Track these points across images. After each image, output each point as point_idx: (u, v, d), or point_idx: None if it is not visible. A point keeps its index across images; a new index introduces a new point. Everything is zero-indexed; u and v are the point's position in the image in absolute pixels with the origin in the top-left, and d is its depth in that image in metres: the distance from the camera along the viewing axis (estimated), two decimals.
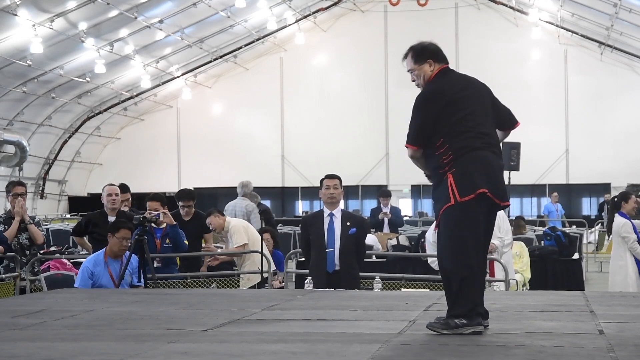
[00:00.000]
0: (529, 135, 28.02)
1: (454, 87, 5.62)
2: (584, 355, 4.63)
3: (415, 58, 5.71)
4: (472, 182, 5.33)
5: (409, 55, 5.75)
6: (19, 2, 20.88)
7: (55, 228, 18.90)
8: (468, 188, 5.31)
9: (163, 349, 4.97)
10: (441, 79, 5.67)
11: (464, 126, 5.46)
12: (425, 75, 5.69)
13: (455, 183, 5.32)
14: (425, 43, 5.79)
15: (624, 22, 26.82)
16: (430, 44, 5.79)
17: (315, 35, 32.15)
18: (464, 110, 5.53)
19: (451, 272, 5.36)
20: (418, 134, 5.54)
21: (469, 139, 5.41)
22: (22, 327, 5.93)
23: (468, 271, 5.32)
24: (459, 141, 5.38)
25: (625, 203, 11.17)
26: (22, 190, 10.88)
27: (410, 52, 5.76)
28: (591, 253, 22.12)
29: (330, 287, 8.62)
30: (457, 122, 5.46)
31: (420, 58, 5.70)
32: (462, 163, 5.34)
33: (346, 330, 5.62)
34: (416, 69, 5.70)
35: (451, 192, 5.31)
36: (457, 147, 5.37)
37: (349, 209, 27.39)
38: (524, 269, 12.39)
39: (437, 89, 5.62)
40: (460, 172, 5.33)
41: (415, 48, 5.75)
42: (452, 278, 5.35)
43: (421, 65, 5.69)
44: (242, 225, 11.44)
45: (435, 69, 5.69)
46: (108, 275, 9.00)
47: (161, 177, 32.24)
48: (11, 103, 26.84)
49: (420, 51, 5.72)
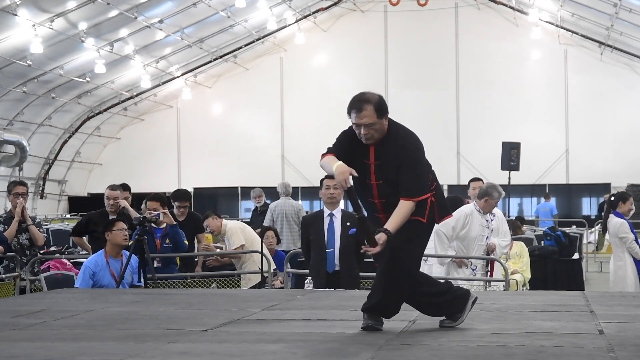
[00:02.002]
0: (529, 135, 28.08)
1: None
2: (584, 355, 4.63)
3: (378, 113, 5.50)
4: (447, 208, 5.81)
5: (368, 109, 5.49)
6: (19, 2, 20.87)
7: (55, 228, 18.88)
8: (444, 213, 5.76)
9: (163, 349, 4.97)
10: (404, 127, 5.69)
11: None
12: (384, 129, 5.57)
13: (437, 205, 5.68)
14: (377, 95, 5.60)
15: (624, 22, 26.81)
16: (380, 96, 5.62)
17: (315, 35, 32.14)
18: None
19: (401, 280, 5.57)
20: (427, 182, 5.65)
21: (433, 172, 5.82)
22: (22, 327, 5.93)
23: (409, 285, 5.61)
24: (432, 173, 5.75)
25: (622, 203, 11.17)
26: (23, 190, 10.89)
27: (369, 106, 5.50)
28: (591, 253, 22.13)
29: (330, 287, 8.62)
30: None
31: (381, 112, 5.52)
32: (439, 191, 5.75)
33: (346, 330, 5.62)
34: (377, 123, 5.51)
35: (428, 211, 5.60)
36: (433, 177, 5.74)
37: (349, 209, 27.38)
38: (524, 269, 12.38)
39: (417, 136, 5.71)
40: (439, 198, 5.72)
41: (374, 102, 5.52)
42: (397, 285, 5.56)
43: (381, 119, 5.52)
44: (239, 227, 11.50)
45: (385, 122, 5.58)
46: (110, 274, 9.01)
47: (161, 177, 32.22)
48: (11, 103, 26.83)
49: (380, 105, 5.53)
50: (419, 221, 5.57)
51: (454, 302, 5.75)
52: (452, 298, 5.76)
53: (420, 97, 31.10)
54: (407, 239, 5.51)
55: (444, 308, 5.75)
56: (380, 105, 5.55)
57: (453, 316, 5.73)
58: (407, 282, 5.59)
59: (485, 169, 25.90)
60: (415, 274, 5.70)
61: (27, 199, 10.92)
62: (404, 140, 5.59)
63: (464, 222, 10.04)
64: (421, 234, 5.67)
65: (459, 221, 10.00)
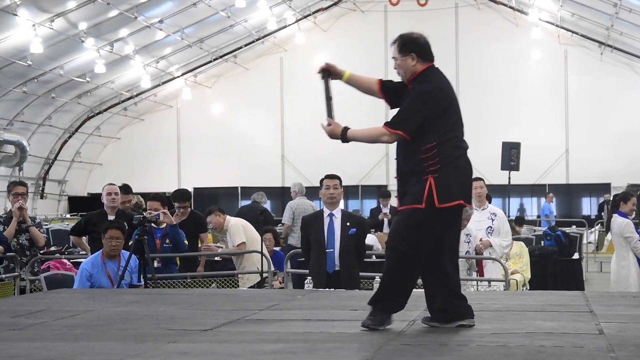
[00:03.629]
0: (529, 135, 28.06)
1: (450, 89, 5.58)
2: (584, 355, 4.63)
3: (400, 47, 5.52)
4: (453, 192, 5.38)
5: (396, 43, 5.56)
6: (19, 2, 20.86)
7: (55, 228, 18.87)
8: (448, 197, 5.35)
9: (163, 349, 4.97)
10: (438, 78, 5.52)
11: (453, 132, 5.49)
12: (408, 70, 5.50)
13: (436, 188, 5.32)
14: (415, 35, 5.57)
15: (624, 22, 26.80)
16: (420, 37, 5.57)
17: (315, 35, 32.14)
18: (456, 115, 5.54)
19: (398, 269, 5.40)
20: (416, 125, 5.38)
21: (454, 147, 5.44)
22: (22, 327, 5.93)
23: (413, 276, 5.48)
24: (447, 149, 5.38)
25: (624, 203, 11.18)
26: (23, 190, 10.89)
27: (397, 40, 5.56)
28: (591, 253, 22.14)
29: (330, 287, 8.61)
30: (450, 127, 5.47)
31: (404, 49, 5.50)
32: (446, 171, 5.35)
33: (346, 330, 5.61)
34: (398, 59, 5.52)
35: (426, 196, 5.30)
36: (444, 154, 5.36)
37: (349, 209, 27.38)
38: (524, 269, 12.38)
39: (442, 88, 5.49)
40: (443, 179, 5.34)
41: (402, 37, 5.55)
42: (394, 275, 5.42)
43: (404, 57, 5.50)
44: (241, 225, 11.41)
45: (419, 66, 5.50)
46: (106, 276, 9.01)
47: (161, 177, 32.21)
48: (11, 103, 26.82)
49: (406, 42, 5.52)
50: (415, 209, 5.35)
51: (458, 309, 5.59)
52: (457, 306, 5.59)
53: None
54: (406, 227, 5.39)
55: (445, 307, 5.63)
56: (404, 43, 5.49)
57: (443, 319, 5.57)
58: (407, 272, 5.43)
59: (485, 168, 25.79)
60: (419, 264, 5.44)
61: (27, 199, 10.92)
62: (422, 84, 5.45)
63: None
64: (421, 223, 5.37)
65: None
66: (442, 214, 5.38)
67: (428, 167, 5.36)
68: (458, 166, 5.44)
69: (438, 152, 5.35)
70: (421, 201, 5.32)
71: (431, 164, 5.36)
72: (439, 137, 5.38)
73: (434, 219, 5.39)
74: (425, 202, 5.32)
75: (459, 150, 5.48)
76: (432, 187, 5.31)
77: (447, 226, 5.49)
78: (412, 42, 5.51)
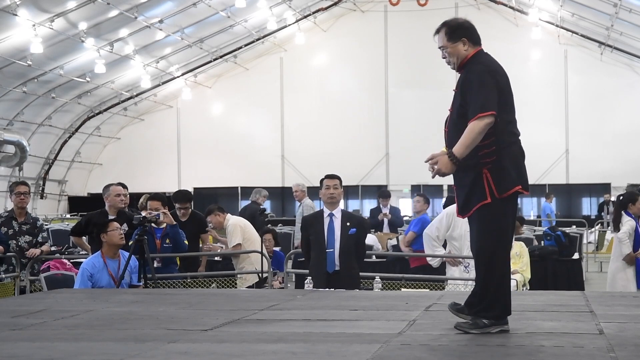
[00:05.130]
0: (529, 135, 27.77)
1: (505, 73, 5.42)
2: (584, 355, 4.63)
3: (449, 35, 5.38)
4: (510, 179, 5.24)
5: (441, 31, 5.41)
6: (19, 2, 20.87)
7: (55, 228, 18.85)
8: (506, 185, 5.23)
9: (163, 349, 4.97)
10: (491, 60, 5.38)
11: (509, 116, 5.34)
12: (460, 55, 5.38)
13: (492, 179, 5.21)
14: (460, 20, 5.49)
15: (624, 22, 26.81)
16: (465, 21, 5.48)
17: (315, 35, 32.14)
18: (510, 98, 5.38)
19: (489, 270, 5.28)
20: (494, 99, 5.14)
21: (508, 133, 5.28)
22: (22, 327, 5.93)
23: (505, 270, 5.31)
24: (503, 134, 5.23)
25: (632, 205, 11.21)
26: (25, 189, 10.92)
27: (443, 28, 5.42)
28: (591, 253, 22.11)
29: (330, 287, 8.61)
30: (507, 110, 5.31)
31: (454, 36, 5.37)
32: (501, 159, 5.21)
33: (346, 330, 5.62)
34: (449, 47, 5.39)
35: (487, 189, 5.20)
36: (500, 139, 5.20)
37: (349, 209, 27.39)
38: (524, 269, 12.36)
39: (497, 68, 5.34)
40: (498, 168, 5.21)
41: (449, 24, 5.42)
42: (489, 277, 5.28)
43: (454, 43, 5.38)
44: (240, 225, 11.39)
45: (470, 50, 5.39)
46: (108, 275, 8.99)
47: (161, 177, 32.23)
48: (11, 103, 26.83)
49: (454, 28, 5.39)
50: (483, 205, 5.22)
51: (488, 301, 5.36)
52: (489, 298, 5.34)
53: (420, 96, 31.08)
54: (478, 230, 5.29)
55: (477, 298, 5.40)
56: (452, 29, 5.36)
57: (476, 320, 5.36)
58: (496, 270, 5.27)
59: None
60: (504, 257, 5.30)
61: (29, 198, 10.93)
62: (477, 65, 5.29)
63: (447, 222, 10.06)
64: (491, 218, 5.22)
65: (441, 222, 10.08)
66: (505, 202, 5.26)
67: (483, 154, 5.21)
68: (511, 153, 5.27)
69: (495, 138, 5.20)
70: (486, 196, 5.22)
71: (485, 151, 5.21)
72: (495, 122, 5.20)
73: (504, 209, 5.28)
74: (490, 195, 5.21)
75: (512, 137, 5.31)
76: (489, 179, 5.21)
77: (513, 214, 5.39)
78: (460, 27, 5.41)
